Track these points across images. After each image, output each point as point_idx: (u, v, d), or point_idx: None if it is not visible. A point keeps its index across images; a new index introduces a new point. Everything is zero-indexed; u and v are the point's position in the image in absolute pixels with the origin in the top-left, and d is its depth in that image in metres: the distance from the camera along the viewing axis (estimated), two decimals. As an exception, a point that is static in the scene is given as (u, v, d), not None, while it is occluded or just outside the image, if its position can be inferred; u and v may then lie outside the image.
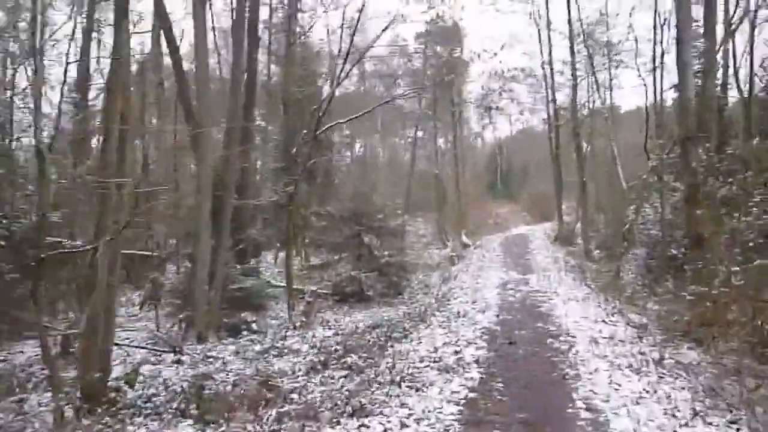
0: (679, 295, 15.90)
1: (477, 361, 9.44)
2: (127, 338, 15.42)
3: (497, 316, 13.23)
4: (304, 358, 11.29)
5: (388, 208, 18.90)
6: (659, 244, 18.96)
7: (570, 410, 7.24)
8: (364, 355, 10.28)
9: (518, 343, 10.64)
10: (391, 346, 10.89)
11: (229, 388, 9.34)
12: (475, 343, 10.64)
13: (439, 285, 19.03)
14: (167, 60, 18.00)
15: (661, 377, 8.45)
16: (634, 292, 16.58)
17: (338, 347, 11.26)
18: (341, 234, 18.83)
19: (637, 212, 20.09)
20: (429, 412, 7.18)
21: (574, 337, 11.02)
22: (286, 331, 14.70)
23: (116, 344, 13.73)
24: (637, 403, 7.33)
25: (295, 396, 8.19)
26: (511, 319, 12.87)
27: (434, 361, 9.51)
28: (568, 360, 9.44)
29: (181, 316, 14.47)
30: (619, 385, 8.06)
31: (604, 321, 12.52)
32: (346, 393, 7.87)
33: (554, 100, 30.07)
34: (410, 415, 7.11)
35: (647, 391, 7.79)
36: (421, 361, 9.58)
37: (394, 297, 18.61)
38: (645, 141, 20.16)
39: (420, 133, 55.19)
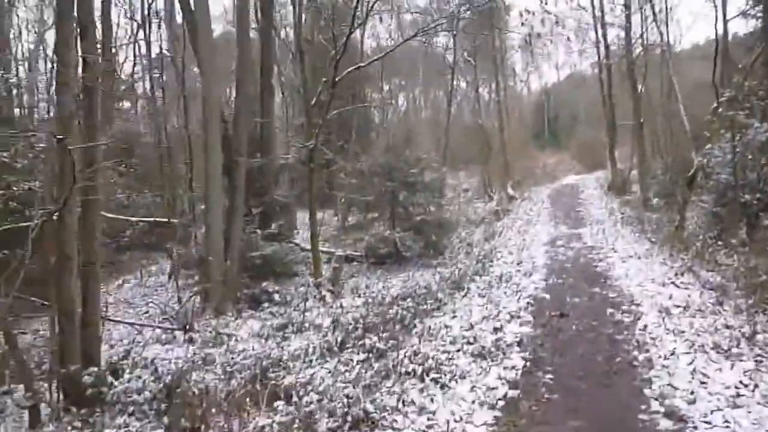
0: (763, 248, 13.65)
1: (520, 342, 7.57)
2: (146, 313, 14.23)
3: (545, 280, 11.26)
4: (324, 336, 9.63)
5: (424, 161, 16.88)
6: (730, 189, 16.55)
7: (643, 416, 5.35)
8: (387, 334, 8.52)
9: (571, 315, 8.71)
10: (421, 322, 9.10)
11: (225, 379, 7.79)
12: (519, 317, 8.75)
13: (481, 243, 17.08)
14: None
15: (759, 362, 6.43)
16: (703, 245, 14.28)
17: (360, 323, 9.51)
18: (374, 191, 17.00)
19: (705, 153, 17.55)
20: (455, 421, 5.41)
21: (639, 305, 9.01)
22: (311, 302, 13.18)
23: (120, 322, 12.52)
24: (736, 405, 5.37)
25: (293, 394, 6.51)
26: (561, 284, 10.89)
27: (468, 343, 7.69)
28: (634, 338, 7.48)
29: (195, 288, 13.06)
30: (707, 376, 6.09)
31: (673, 283, 10.42)
32: (352, 393, 6.09)
33: (605, 36, 27.05)
34: (430, 427, 5.35)
35: (745, 385, 5.82)
36: (453, 343, 7.77)
37: (433, 257, 16.80)
38: (713, 73, 17.46)
39: (463, 84, 52.47)
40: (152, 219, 17.29)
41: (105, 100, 23.76)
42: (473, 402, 5.82)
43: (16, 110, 20.63)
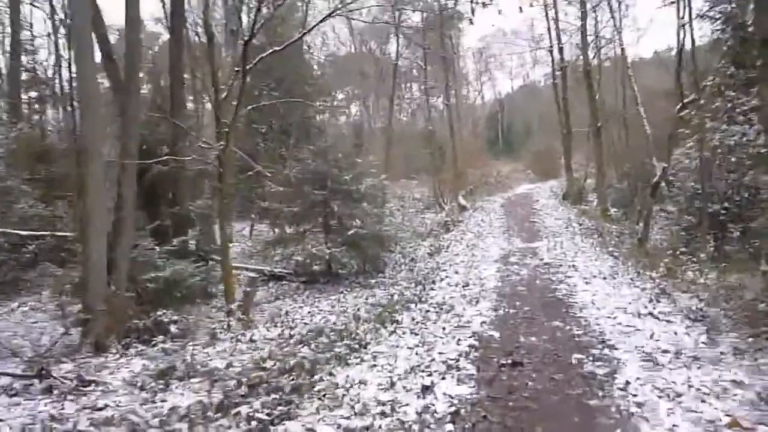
0: (739, 262, 11.82)
1: (456, 415, 5.18)
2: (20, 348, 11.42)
3: (495, 309, 8.90)
4: (212, 387, 7.10)
5: (360, 166, 14.49)
6: (697, 198, 14.74)
7: None
8: (279, 394, 6.07)
9: (526, 364, 6.37)
10: (330, 374, 6.66)
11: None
12: (458, 367, 6.37)
13: (425, 259, 14.77)
14: None
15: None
16: (674, 262, 12.28)
17: (247, 375, 7.01)
18: (305, 201, 14.55)
19: (668, 160, 15.66)
20: None
21: (614, 347, 6.74)
22: (213, 335, 10.72)
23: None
24: None
25: None
26: (514, 315, 8.55)
27: (383, 414, 5.27)
28: (614, 405, 5.16)
29: (69, 320, 10.36)
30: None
31: (651, 313, 8.21)
32: None
33: (559, 37, 25.21)
34: None
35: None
36: (362, 414, 5.34)
37: (372, 276, 14.45)
38: (676, 73, 15.51)
39: (417, 93, 50.62)
40: (37, 233, 14.46)
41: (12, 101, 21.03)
42: None
43: None
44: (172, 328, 10.59)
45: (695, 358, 6.17)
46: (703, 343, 6.76)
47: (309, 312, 11.99)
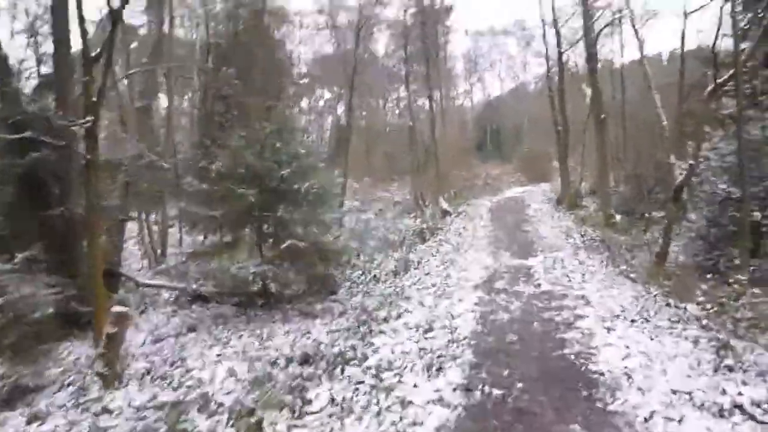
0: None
1: None
2: None
3: (467, 389, 5.08)
4: None
5: (304, 159, 10.74)
6: (731, 204, 11.20)
7: None
8: None
9: None
10: None
11: None
12: None
13: (387, 281, 11.04)
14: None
15: None
16: (715, 289, 8.65)
17: None
18: (231, 203, 10.82)
19: (696, 156, 11.99)
20: None
21: None
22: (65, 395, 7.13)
23: None
24: None
25: None
26: (499, 404, 4.71)
27: None
28: None
29: None
30: None
31: (738, 406, 4.52)
32: None
33: (555, 21, 21.28)
34: None
35: None
36: None
37: (321, 299, 10.76)
38: (713, 42, 11.87)
39: (403, 93, 47.00)
40: None
41: None
42: None
43: None
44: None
45: None
46: None
47: (217, 356, 8.31)
